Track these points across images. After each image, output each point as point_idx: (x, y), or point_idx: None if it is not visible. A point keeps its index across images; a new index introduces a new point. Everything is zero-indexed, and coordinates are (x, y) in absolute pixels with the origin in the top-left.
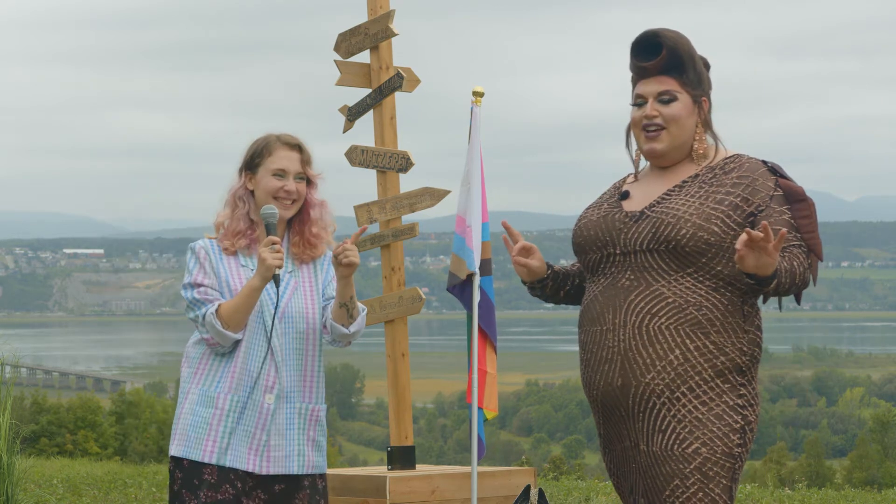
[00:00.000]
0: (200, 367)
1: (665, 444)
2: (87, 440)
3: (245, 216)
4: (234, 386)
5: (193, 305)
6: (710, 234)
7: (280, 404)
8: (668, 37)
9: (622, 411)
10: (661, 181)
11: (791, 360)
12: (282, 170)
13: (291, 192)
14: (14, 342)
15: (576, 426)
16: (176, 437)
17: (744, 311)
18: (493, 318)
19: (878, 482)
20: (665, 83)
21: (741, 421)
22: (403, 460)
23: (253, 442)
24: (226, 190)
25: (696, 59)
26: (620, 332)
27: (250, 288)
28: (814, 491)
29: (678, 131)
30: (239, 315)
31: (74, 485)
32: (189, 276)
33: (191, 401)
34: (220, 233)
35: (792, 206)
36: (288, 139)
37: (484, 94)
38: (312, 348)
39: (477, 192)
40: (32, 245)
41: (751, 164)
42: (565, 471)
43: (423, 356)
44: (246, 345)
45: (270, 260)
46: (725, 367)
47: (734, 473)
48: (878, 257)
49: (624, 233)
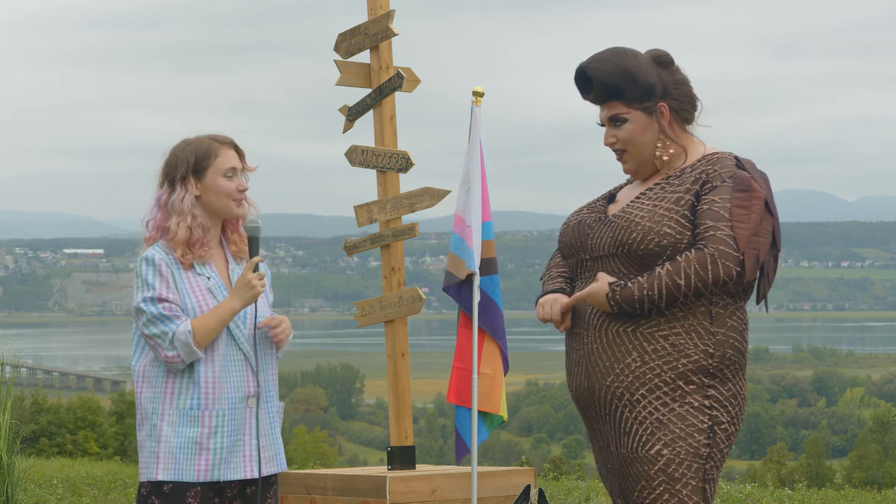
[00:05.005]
0: (168, 386)
1: (630, 447)
2: (87, 440)
3: (199, 225)
4: (214, 399)
5: (157, 321)
6: (662, 237)
7: (261, 406)
8: (594, 68)
9: (592, 413)
10: (640, 185)
11: (791, 360)
12: (232, 168)
13: (246, 190)
14: (14, 342)
15: (576, 426)
16: (160, 461)
17: (711, 312)
18: (498, 319)
19: (878, 482)
20: (612, 108)
21: (708, 421)
22: (403, 460)
23: (245, 449)
24: (158, 201)
25: (635, 75)
26: (585, 335)
27: (230, 311)
28: (814, 491)
29: (637, 150)
30: (213, 335)
31: (74, 485)
32: (150, 289)
33: (170, 422)
34: (162, 243)
35: (733, 195)
36: (224, 139)
37: (484, 94)
38: (271, 345)
39: (477, 191)
40: (32, 245)
41: (719, 159)
42: (565, 471)
43: (423, 356)
44: (220, 356)
45: (259, 288)
46: (688, 368)
47: (705, 474)
48: (878, 257)
49: (591, 238)
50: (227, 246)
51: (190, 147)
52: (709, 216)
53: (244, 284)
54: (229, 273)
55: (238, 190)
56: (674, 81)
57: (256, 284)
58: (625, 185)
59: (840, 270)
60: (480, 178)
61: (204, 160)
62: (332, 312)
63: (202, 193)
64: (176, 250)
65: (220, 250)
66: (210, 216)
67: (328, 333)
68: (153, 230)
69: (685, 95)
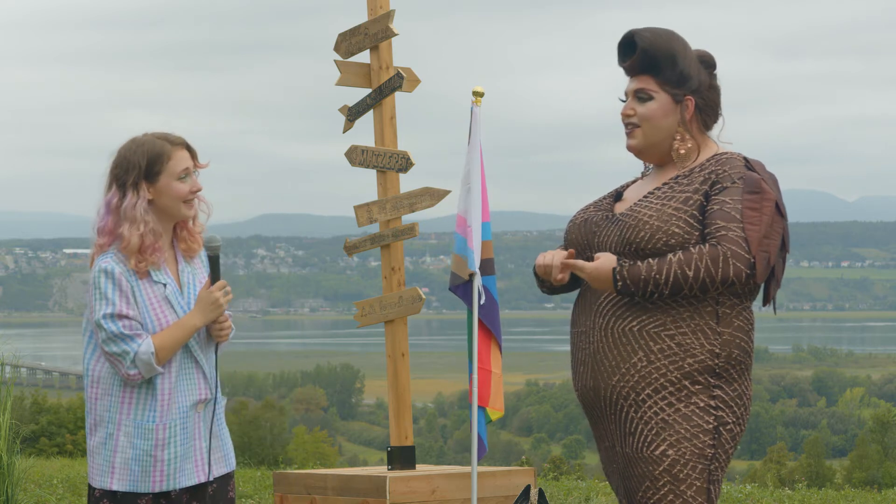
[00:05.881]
0: (125, 397)
1: (635, 446)
2: None
3: (151, 231)
4: (167, 411)
5: (118, 340)
6: (670, 236)
7: (209, 408)
8: (644, 37)
9: (598, 413)
10: (649, 184)
11: (791, 360)
12: (186, 170)
13: (199, 190)
14: (14, 342)
15: (576, 426)
16: (115, 472)
17: (718, 312)
18: (497, 318)
19: (878, 482)
20: (643, 81)
21: (714, 422)
22: (403, 460)
23: (196, 455)
24: (108, 206)
25: (678, 59)
26: (591, 334)
27: (192, 328)
28: (814, 491)
29: (651, 130)
30: (173, 352)
31: (74, 485)
32: (109, 305)
33: (126, 433)
34: (116, 251)
35: (744, 197)
36: (177, 139)
37: (484, 94)
38: (216, 346)
39: (477, 191)
40: (32, 245)
41: (728, 159)
42: (565, 471)
43: (423, 356)
44: (175, 365)
45: (224, 305)
46: (694, 368)
47: (710, 475)
48: (878, 257)
49: (598, 236)
50: (178, 244)
51: (141, 149)
52: (720, 217)
53: (210, 302)
54: (179, 273)
55: (191, 192)
56: (709, 84)
57: (223, 303)
58: (632, 184)
59: (840, 270)
60: (480, 178)
61: (156, 164)
62: (332, 312)
63: (155, 197)
64: (129, 259)
65: (171, 251)
66: (162, 219)
67: (328, 333)
68: (104, 235)
69: (713, 102)
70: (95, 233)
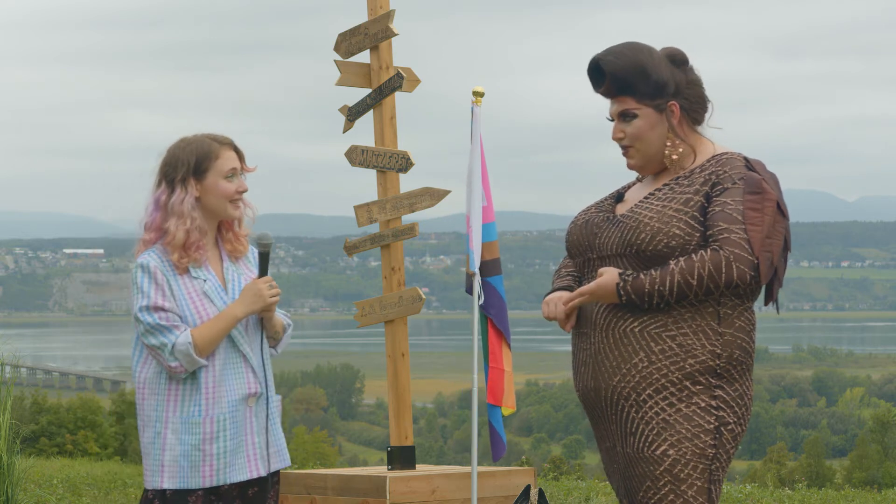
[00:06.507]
0: (171, 394)
1: (636, 446)
2: (87, 440)
3: (197, 227)
4: (214, 404)
5: (155, 331)
6: (671, 238)
7: (261, 403)
8: (608, 61)
9: (599, 413)
10: (650, 185)
11: (791, 360)
12: (233, 170)
13: (245, 191)
14: (14, 342)
15: (576, 426)
16: (165, 470)
17: (719, 313)
18: (505, 317)
19: (878, 482)
20: (623, 103)
21: (715, 422)
22: (403, 460)
23: (249, 449)
24: (157, 202)
25: (648, 71)
26: (592, 335)
27: (233, 318)
28: (814, 491)
29: (644, 146)
30: (215, 343)
31: (74, 485)
32: (146, 297)
33: (173, 430)
34: (159, 246)
35: (745, 198)
36: (224, 139)
37: (484, 94)
38: (265, 342)
39: (478, 192)
40: (32, 245)
41: (728, 160)
42: (565, 471)
43: (423, 356)
44: (220, 359)
45: (269, 299)
46: (695, 369)
47: (711, 475)
48: (878, 257)
49: (599, 237)
50: (223, 245)
51: (190, 147)
52: (722, 218)
53: (253, 293)
54: (224, 272)
55: (237, 192)
56: (686, 81)
57: (266, 294)
58: (633, 185)
59: (840, 270)
60: (481, 178)
61: (205, 161)
62: (332, 312)
63: (202, 195)
64: (172, 253)
65: (215, 251)
66: (208, 217)
67: (328, 333)
68: (151, 231)
69: (697, 96)
70: (142, 228)
